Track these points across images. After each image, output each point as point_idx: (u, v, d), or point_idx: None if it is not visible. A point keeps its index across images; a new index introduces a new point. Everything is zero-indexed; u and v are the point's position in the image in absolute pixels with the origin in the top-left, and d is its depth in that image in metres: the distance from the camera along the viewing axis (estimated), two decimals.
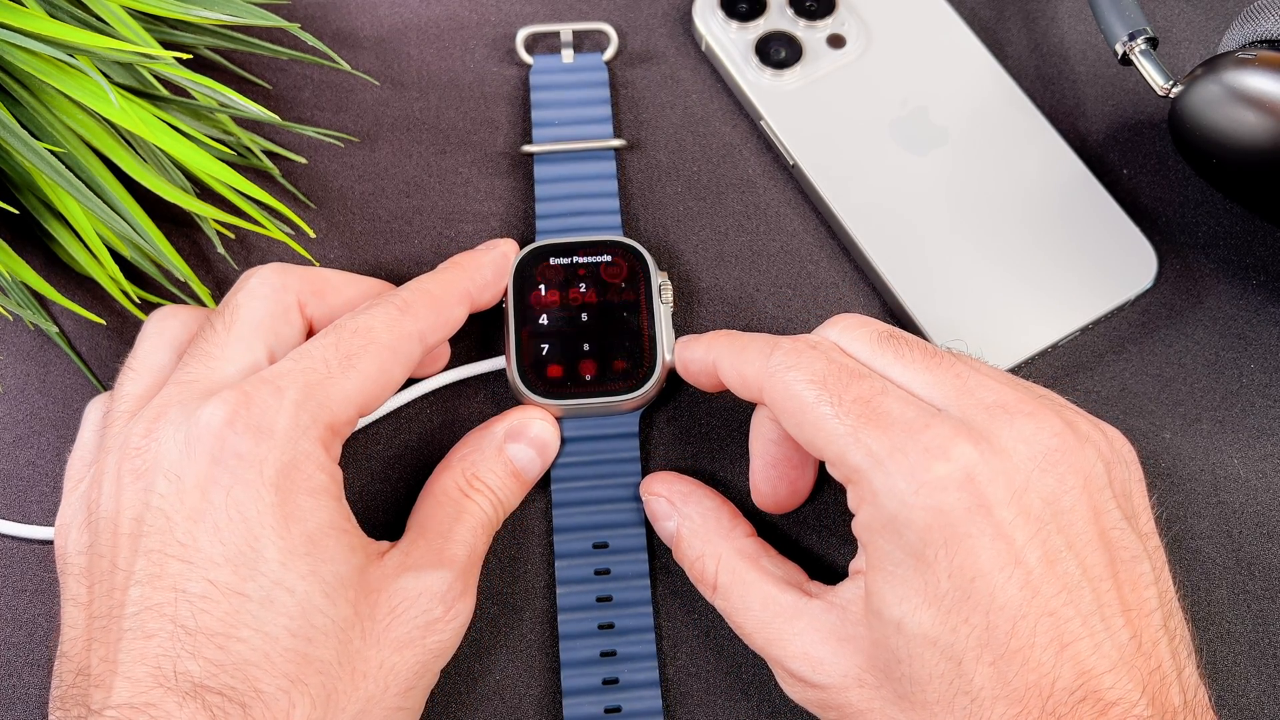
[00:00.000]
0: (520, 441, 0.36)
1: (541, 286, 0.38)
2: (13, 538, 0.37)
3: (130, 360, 0.34)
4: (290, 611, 0.29)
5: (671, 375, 0.38)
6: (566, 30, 0.43)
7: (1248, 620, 0.36)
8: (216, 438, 0.30)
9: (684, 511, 0.35)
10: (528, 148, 0.41)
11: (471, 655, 0.36)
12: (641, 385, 0.37)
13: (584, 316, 0.37)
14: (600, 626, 0.36)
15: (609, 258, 0.38)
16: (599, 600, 0.36)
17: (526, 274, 0.38)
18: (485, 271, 0.37)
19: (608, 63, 0.43)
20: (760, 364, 0.32)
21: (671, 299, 0.38)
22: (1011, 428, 0.29)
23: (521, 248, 0.38)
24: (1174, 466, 0.38)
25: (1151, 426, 0.39)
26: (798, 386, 0.31)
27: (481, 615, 0.36)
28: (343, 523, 0.31)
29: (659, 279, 0.38)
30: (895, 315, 0.40)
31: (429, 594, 0.32)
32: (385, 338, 0.33)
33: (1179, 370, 0.39)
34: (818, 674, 0.30)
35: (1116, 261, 0.40)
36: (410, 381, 0.39)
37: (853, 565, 0.32)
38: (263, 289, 0.34)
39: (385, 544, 0.33)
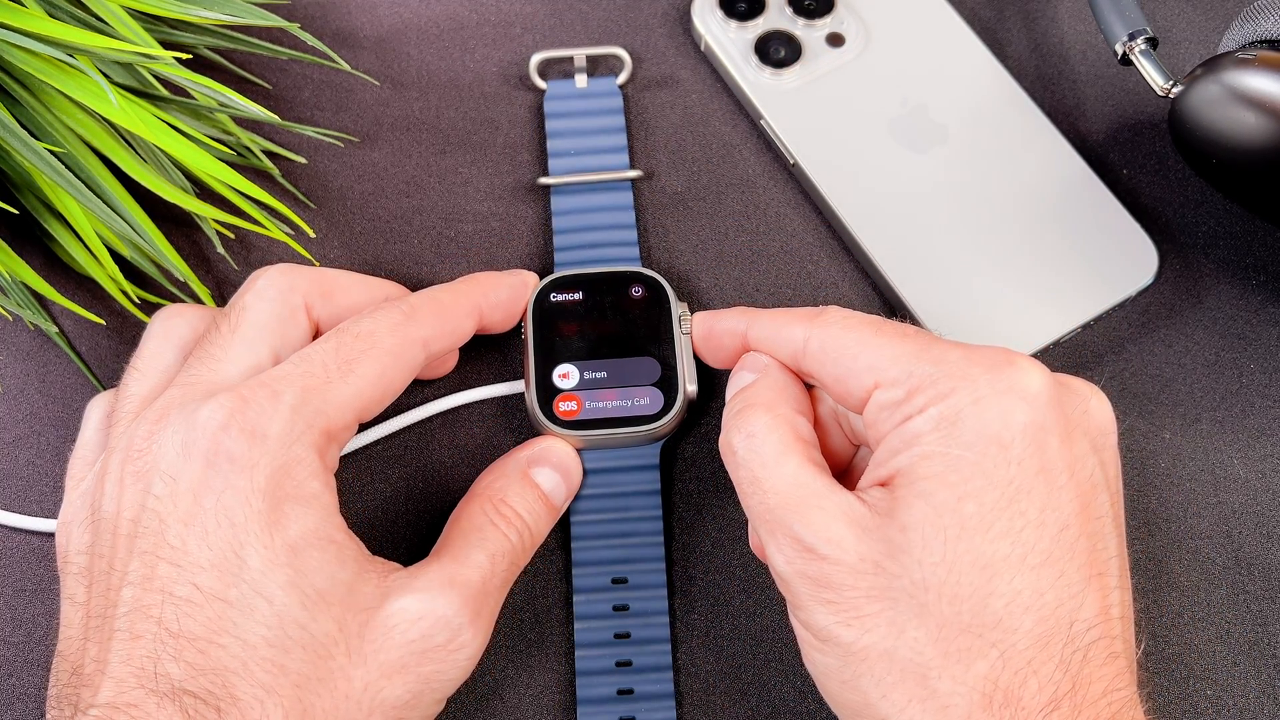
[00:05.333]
0: (545, 466, 0.35)
1: (561, 317, 0.37)
2: (13, 528, 0.37)
3: (135, 360, 0.34)
4: (268, 621, 0.29)
5: (692, 406, 0.38)
6: (580, 55, 0.42)
7: (1248, 620, 0.36)
8: (211, 440, 0.30)
9: (773, 372, 0.34)
10: (544, 180, 0.41)
11: (485, 688, 0.36)
12: (663, 416, 0.36)
13: (604, 347, 0.37)
14: (618, 664, 0.35)
15: (628, 288, 0.38)
16: (617, 637, 0.36)
17: (546, 305, 0.38)
18: (500, 291, 0.37)
19: (621, 87, 0.43)
20: (806, 321, 0.33)
21: (691, 329, 0.37)
22: (1068, 375, 0.32)
23: (541, 279, 0.38)
24: (1174, 466, 0.38)
25: (1151, 426, 0.39)
26: (854, 321, 0.32)
27: (495, 648, 0.36)
28: (332, 533, 0.31)
29: (679, 309, 0.38)
30: (897, 313, 0.40)
31: (430, 618, 0.30)
32: (387, 343, 0.33)
33: (1179, 370, 0.39)
34: (834, 549, 0.29)
35: (1117, 257, 0.40)
36: (420, 382, 0.39)
37: (881, 473, 0.31)
38: (270, 290, 0.34)
39: (394, 564, 0.32)
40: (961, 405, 0.30)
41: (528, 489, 0.35)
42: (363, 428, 0.38)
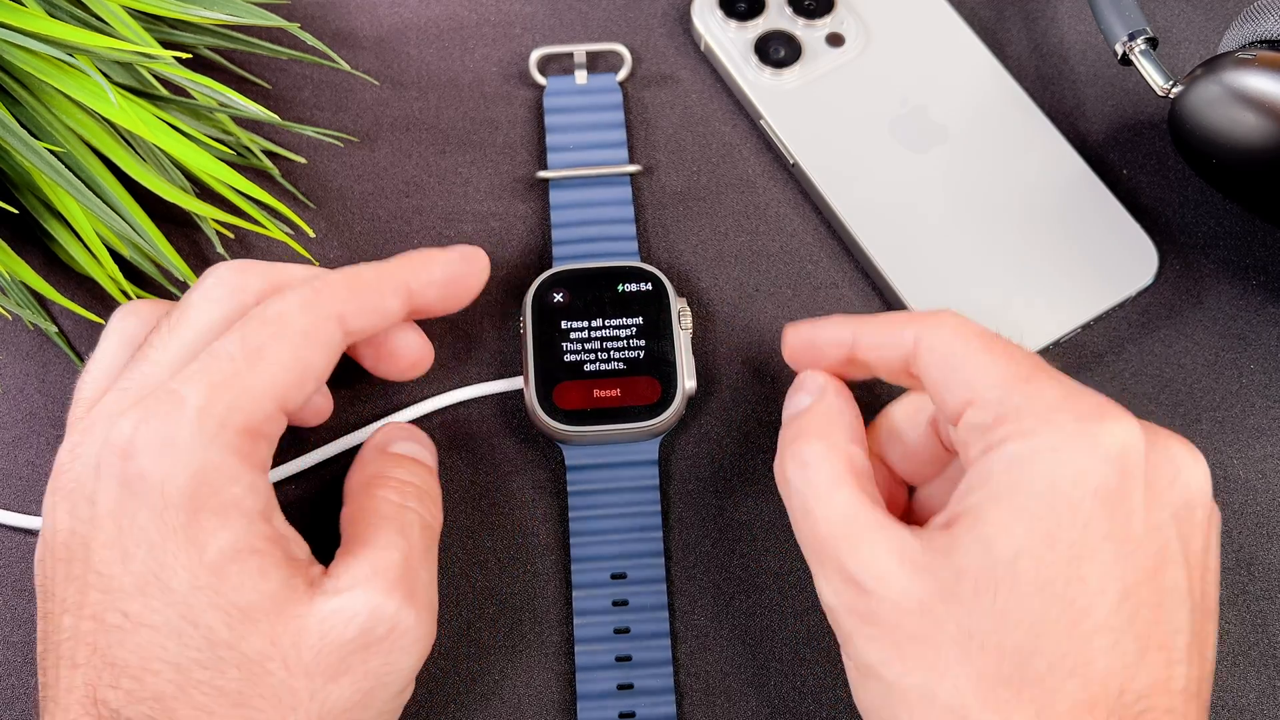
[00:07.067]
0: (397, 440, 0.35)
1: (559, 312, 0.37)
2: (13, 528, 0.37)
3: (88, 362, 0.33)
4: (197, 644, 0.28)
5: (691, 402, 0.38)
6: (580, 51, 0.42)
7: (1248, 620, 0.36)
8: (121, 458, 0.29)
9: (829, 397, 0.33)
10: (543, 174, 0.41)
11: (485, 686, 0.36)
12: (662, 412, 0.36)
13: (603, 343, 0.37)
14: (618, 659, 0.35)
15: (627, 284, 0.38)
16: (616, 632, 0.36)
17: (544, 300, 0.38)
18: (433, 270, 0.34)
19: (621, 83, 0.43)
20: (918, 323, 0.32)
21: (690, 324, 0.38)
22: (1164, 432, 0.30)
23: (539, 273, 0.38)
24: None
25: None
26: (967, 331, 0.31)
27: (495, 646, 0.36)
28: (255, 543, 0.29)
29: (678, 305, 0.38)
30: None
31: (364, 613, 0.29)
32: (298, 323, 0.31)
33: (1179, 370, 0.39)
34: (879, 585, 0.29)
35: (1117, 258, 0.40)
36: (418, 379, 0.38)
37: (957, 503, 0.30)
38: (216, 290, 0.32)
39: (318, 566, 0.31)
40: (1040, 450, 0.28)
41: (396, 461, 0.34)
42: (360, 428, 0.38)
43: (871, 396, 0.37)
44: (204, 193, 0.41)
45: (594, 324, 0.37)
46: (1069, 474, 0.28)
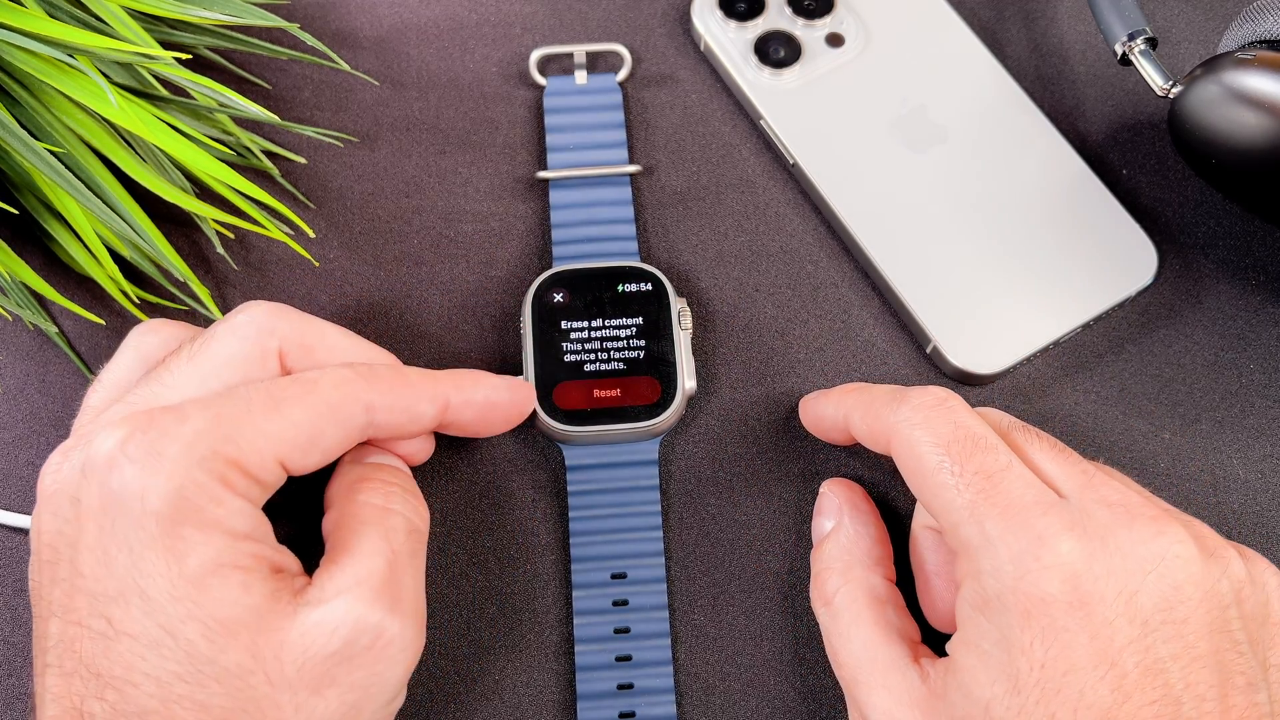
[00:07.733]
0: (373, 450, 0.34)
1: (559, 312, 0.38)
2: (13, 528, 0.37)
3: (101, 372, 0.33)
4: (177, 657, 0.27)
5: (691, 401, 0.38)
6: (580, 52, 0.42)
7: None
8: (108, 461, 0.28)
9: (845, 523, 0.35)
10: (543, 174, 0.41)
11: (485, 687, 0.36)
12: (662, 412, 0.36)
13: (603, 343, 0.37)
14: (618, 659, 0.35)
15: (627, 284, 0.38)
16: (617, 632, 0.36)
17: (544, 300, 0.38)
18: (477, 391, 0.34)
19: (621, 84, 0.43)
20: (888, 416, 0.32)
21: (690, 324, 0.38)
22: (1131, 529, 0.29)
23: (539, 273, 0.38)
24: (1174, 466, 0.38)
25: (1151, 426, 0.39)
26: (921, 447, 0.31)
27: (495, 646, 0.36)
28: (238, 559, 0.28)
29: (678, 305, 0.38)
30: (896, 313, 0.40)
31: (347, 625, 0.29)
32: (326, 394, 0.31)
33: (1179, 370, 0.39)
34: None
35: (1117, 257, 0.40)
36: None
37: (949, 643, 0.31)
38: (246, 328, 0.32)
39: (305, 578, 0.30)
40: (989, 596, 0.29)
41: (370, 467, 0.33)
42: None
43: None
44: (204, 193, 0.41)
45: (594, 324, 0.37)
46: (1016, 618, 0.28)
